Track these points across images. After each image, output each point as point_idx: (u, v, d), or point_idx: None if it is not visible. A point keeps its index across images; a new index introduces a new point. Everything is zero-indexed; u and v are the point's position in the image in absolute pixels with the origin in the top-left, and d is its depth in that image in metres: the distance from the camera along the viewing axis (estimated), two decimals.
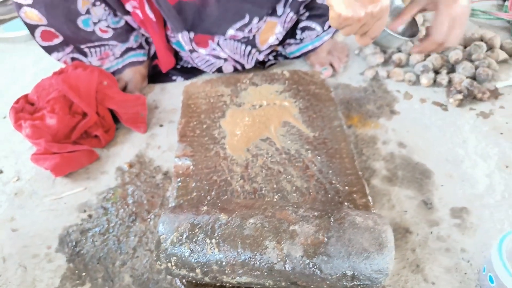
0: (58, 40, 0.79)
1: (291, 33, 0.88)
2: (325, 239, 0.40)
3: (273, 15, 0.80)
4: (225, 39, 0.81)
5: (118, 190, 0.69)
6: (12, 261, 0.59)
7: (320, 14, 0.83)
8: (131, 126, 0.80)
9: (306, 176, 0.57)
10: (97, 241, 0.61)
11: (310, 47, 0.89)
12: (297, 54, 0.92)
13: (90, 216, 0.65)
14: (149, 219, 0.63)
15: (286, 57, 0.95)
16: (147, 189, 0.69)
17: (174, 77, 0.92)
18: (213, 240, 0.40)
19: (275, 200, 0.53)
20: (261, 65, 0.93)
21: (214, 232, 0.41)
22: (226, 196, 0.54)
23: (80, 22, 0.77)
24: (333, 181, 0.56)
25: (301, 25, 0.86)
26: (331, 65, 0.91)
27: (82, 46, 0.81)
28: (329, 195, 0.54)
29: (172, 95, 0.89)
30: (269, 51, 0.87)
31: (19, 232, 0.64)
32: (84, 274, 0.57)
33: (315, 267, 0.39)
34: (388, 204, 0.64)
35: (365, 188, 0.56)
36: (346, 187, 0.55)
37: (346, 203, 0.53)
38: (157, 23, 0.78)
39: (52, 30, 0.77)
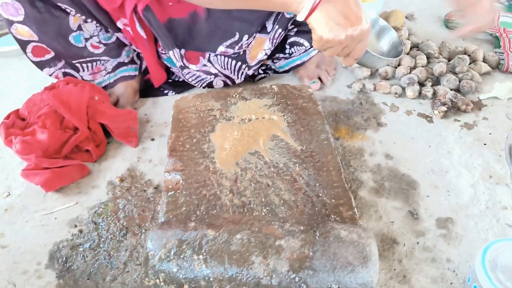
0: (50, 55, 0.80)
1: (280, 48, 0.90)
2: (311, 253, 0.41)
3: (263, 31, 0.82)
4: (216, 55, 0.82)
5: (109, 205, 0.70)
6: (1, 278, 0.59)
7: (307, 30, 0.85)
8: (123, 140, 0.80)
9: (293, 189, 0.58)
10: (87, 257, 0.61)
11: (298, 62, 0.91)
12: (286, 68, 0.94)
13: (81, 231, 0.66)
14: (140, 234, 0.64)
15: (275, 71, 0.97)
16: (138, 203, 0.69)
17: (166, 91, 0.93)
18: (201, 256, 0.41)
19: (263, 213, 0.54)
20: (251, 78, 0.95)
21: (201, 248, 0.42)
22: (215, 211, 0.55)
23: (71, 38, 0.78)
24: (320, 194, 0.57)
25: (289, 40, 0.88)
26: (319, 78, 0.93)
27: (74, 62, 0.82)
28: (316, 208, 0.55)
29: (163, 108, 0.90)
30: (258, 65, 0.88)
31: (9, 248, 0.64)
32: None
33: (301, 281, 0.40)
34: (375, 215, 0.65)
35: (352, 200, 0.57)
36: (333, 200, 0.56)
37: (333, 216, 0.54)
38: (148, 41, 0.80)
39: (44, 46, 0.78)
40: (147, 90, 0.94)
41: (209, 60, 0.83)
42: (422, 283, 0.57)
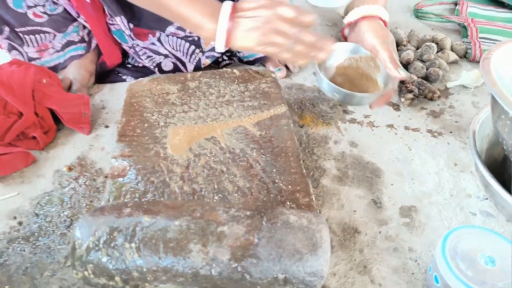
0: None
1: None
2: (256, 240, 0.38)
3: None
4: (167, 35, 0.77)
5: (54, 195, 0.64)
6: None
7: None
8: (74, 127, 0.75)
9: (249, 176, 0.55)
10: (25, 250, 0.56)
11: (262, 54, 0.87)
12: (251, 59, 0.90)
13: (20, 223, 0.60)
14: None
15: (240, 60, 0.93)
16: (87, 193, 0.64)
17: (124, 77, 0.88)
18: (133, 245, 0.37)
19: (214, 201, 0.51)
20: (215, 64, 0.91)
21: (134, 235, 0.38)
22: (162, 198, 0.51)
23: (10, 2, 0.72)
24: (277, 180, 0.54)
25: None
26: (286, 66, 0.89)
27: (17, 30, 0.75)
28: (271, 195, 0.52)
29: (121, 95, 0.85)
30: (214, 53, 0.83)
31: None
32: (7, 287, 0.52)
33: (243, 270, 0.37)
34: (337, 204, 0.63)
35: (309, 187, 0.54)
36: (290, 186, 0.53)
37: (288, 203, 0.51)
38: (92, 6, 0.74)
39: None
40: (104, 75, 0.88)
41: (159, 40, 0.78)
42: (383, 273, 0.54)
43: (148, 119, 0.64)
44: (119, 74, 0.88)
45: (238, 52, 0.90)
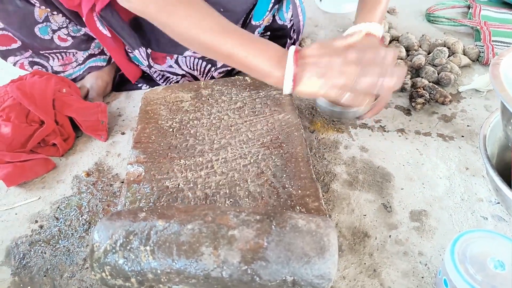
0: (16, 45, 0.77)
1: None
2: (265, 243, 0.39)
3: None
4: (184, 57, 0.80)
5: (73, 199, 0.67)
6: None
7: (281, 35, 0.84)
8: (92, 134, 0.78)
9: (260, 181, 0.56)
10: (46, 253, 0.59)
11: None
12: None
13: (41, 226, 0.63)
14: None
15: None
16: (104, 197, 0.67)
17: (140, 85, 0.91)
18: (148, 247, 0.39)
19: (226, 205, 0.52)
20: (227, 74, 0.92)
21: (149, 239, 0.39)
22: (176, 203, 0.53)
23: (37, 30, 0.75)
24: (287, 185, 0.55)
25: None
26: None
27: (42, 52, 0.79)
28: (281, 200, 0.53)
29: (137, 102, 0.88)
30: (226, 68, 0.86)
31: None
32: (29, 287, 0.55)
33: (253, 273, 0.38)
34: (347, 208, 0.63)
35: (319, 191, 0.55)
36: (299, 191, 0.54)
37: (298, 207, 0.52)
38: (113, 39, 0.77)
39: (9, 34, 0.75)
40: (121, 84, 0.91)
41: (176, 62, 0.81)
42: (392, 277, 0.55)
43: (163, 126, 0.66)
44: (135, 83, 0.91)
45: None
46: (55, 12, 0.74)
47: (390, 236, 0.60)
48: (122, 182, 0.69)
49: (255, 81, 0.75)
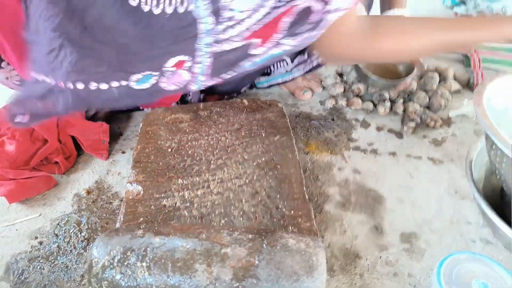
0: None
1: None
2: (256, 261, 0.41)
3: None
4: None
5: (73, 216, 0.69)
6: None
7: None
8: (93, 153, 0.80)
9: (254, 201, 0.58)
10: (44, 269, 0.60)
11: (279, 80, 0.92)
12: (265, 85, 0.95)
13: (41, 243, 0.64)
14: None
15: (252, 86, 0.97)
16: (103, 215, 0.69)
17: (141, 106, 0.94)
18: (144, 263, 0.41)
19: (220, 224, 0.54)
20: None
21: (146, 255, 0.41)
22: (173, 222, 0.55)
23: None
24: (280, 206, 0.57)
25: None
26: (310, 88, 0.94)
27: None
28: (274, 219, 0.55)
29: (137, 122, 0.91)
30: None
31: None
32: None
33: None
34: (340, 229, 0.65)
35: (311, 212, 0.57)
36: (292, 211, 0.56)
37: (290, 227, 0.54)
38: None
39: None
40: None
41: None
42: None
43: (162, 146, 0.69)
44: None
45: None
46: None
47: (380, 257, 0.61)
48: (121, 200, 0.71)
49: (251, 104, 0.78)
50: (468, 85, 0.96)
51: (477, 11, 1.20)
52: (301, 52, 0.86)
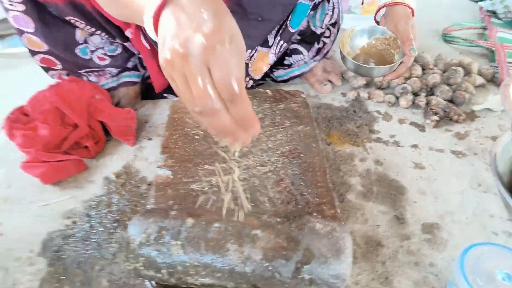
0: (56, 67, 0.84)
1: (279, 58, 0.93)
2: (285, 244, 0.43)
3: (264, 45, 0.85)
4: None
5: (103, 199, 0.72)
6: None
7: (309, 40, 0.88)
8: (120, 139, 0.83)
9: (279, 188, 0.60)
10: (78, 247, 0.63)
11: (297, 73, 0.93)
12: (285, 78, 0.96)
13: (74, 222, 0.68)
14: None
15: (273, 79, 0.99)
16: (131, 198, 0.71)
17: (165, 94, 0.96)
18: (178, 242, 0.43)
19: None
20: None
21: (180, 234, 0.43)
22: (203, 204, 0.57)
23: (78, 50, 0.82)
24: (304, 193, 0.59)
25: (290, 47, 0.90)
26: (329, 80, 0.95)
27: (81, 72, 0.86)
28: (299, 206, 0.57)
29: (162, 110, 0.93)
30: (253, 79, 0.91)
31: (4, 236, 0.66)
32: (63, 277, 0.59)
33: (274, 270, 0.42)
34: (361, 218, 0.66)
35: (334, 200, 0.58)
36: (316, 199, 0.58)
37: (315, 214, 0.55)
38: (152, 51, 0.83)
39: (52, 58, 0.81)
40: (149, 93, 0.97)
41: None
42: (404, 285, 0.57)
43: (189, 133, 0.71)
44: (163, 94, 0.97)
45: (271, 72, 0.96)
46: (97, 32, 0.80)
47: (402, 246, 0.62)
48: (149, 184, 0.73)
49: (275, 94, 0.80)
50: (493, 80, 0.95)
51: (504, 6, 1.18)
52: (315, 42, 0.87)
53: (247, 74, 0.88)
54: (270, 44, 0.85)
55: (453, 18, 1.28)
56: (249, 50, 0.84)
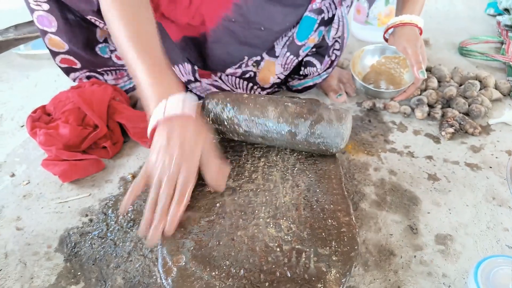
0: (76, 66, 0.86)
1: (295, 68, 0.94)
2: (305, 111, 0.64)
3: (271, 55, 0.87)
4: (226, 75, 0.87)
5: (119, 198, 0.73)
6: (13, 257, 0.63)
7: (322, 53, 0.89)
8: (138, 140, 0.85)
9: (295, 193, 0.60)
10: (94, 244, 0.65)
11: (311, 83, 0.95)
12: (299, 88, 0.97)
13: (91, 220, 0.69)
14: None
15: (288, 88, 1.00)
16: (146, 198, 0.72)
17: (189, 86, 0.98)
18: (235, 106, 0.64)
19: (263, 214, 0.57)
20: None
21: (237, 101, 0.65)
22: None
23: (98, 49, 0.84)
24: (320, 199, 0.59)
25: (305, 59, 0.92)
26: (345, 91, 0.96)
27: (99, 70, 0.88)
28: (314, 212, 0.57)
29: None
30: (269, 90, 0.92)
31: (23, 230, 0.68)
32: (79, 273, 0.60)
33: (295, 128, 0.63)
34: (374, 227, 0.67)
35: (350, 207, 0.59)
36: (332, 206, 0.58)
37: (330, 220, 0.56)
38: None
39: (71, 58, 0.84)
40: None
41: (220, 78, 0.88)
42: None
43: None
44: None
45: (288, 81, 0.97)
46: None
47: (415, 256, 0.62)
48: None
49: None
50: (509, 94, 0.95)
51: None
52: (326, 54, 0.88)
53: (255, 83, 0.90)
54: (277, 54, 0.87)
55: (470, 32, 1.28)
56: (253, 58, 0.86)
